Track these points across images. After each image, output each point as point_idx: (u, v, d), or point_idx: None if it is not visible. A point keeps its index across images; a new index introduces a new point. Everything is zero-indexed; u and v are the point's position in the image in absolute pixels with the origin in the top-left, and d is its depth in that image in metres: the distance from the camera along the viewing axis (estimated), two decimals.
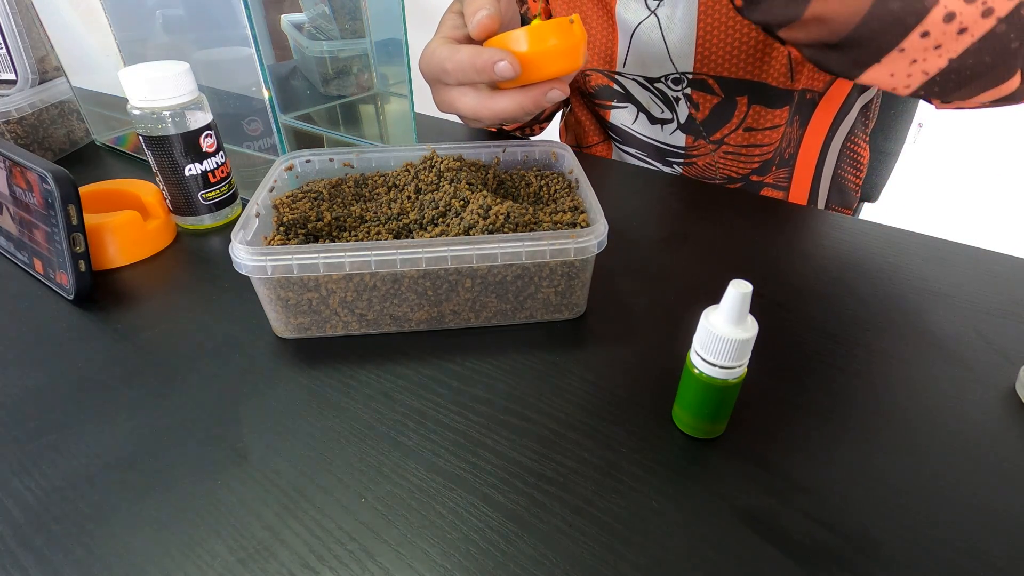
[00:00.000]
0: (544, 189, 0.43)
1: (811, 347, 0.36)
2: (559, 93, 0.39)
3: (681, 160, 0.65)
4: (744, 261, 0.45)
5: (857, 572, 0.24)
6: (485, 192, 0.39)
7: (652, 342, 0.36)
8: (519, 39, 0.37)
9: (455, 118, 0.65)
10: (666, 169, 0.66)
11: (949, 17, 0.29)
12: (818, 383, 0.33)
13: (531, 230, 0.37)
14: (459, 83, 0.40)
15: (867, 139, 0.67)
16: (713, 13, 0.54)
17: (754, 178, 0.64)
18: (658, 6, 0.56)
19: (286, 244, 0.36)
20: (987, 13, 0.29)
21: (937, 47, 0.30)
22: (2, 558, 0.25)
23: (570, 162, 0.44)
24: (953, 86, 0.32)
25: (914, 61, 0.31)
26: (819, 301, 0.40)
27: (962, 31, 0.29)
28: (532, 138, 0.70)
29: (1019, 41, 0.29)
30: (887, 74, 0.33)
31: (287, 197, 0.40)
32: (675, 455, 0.29)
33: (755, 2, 0.32)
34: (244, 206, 0.44)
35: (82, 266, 0.39)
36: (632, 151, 0.68)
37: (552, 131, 0.91)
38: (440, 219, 0.38)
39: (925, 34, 0.29)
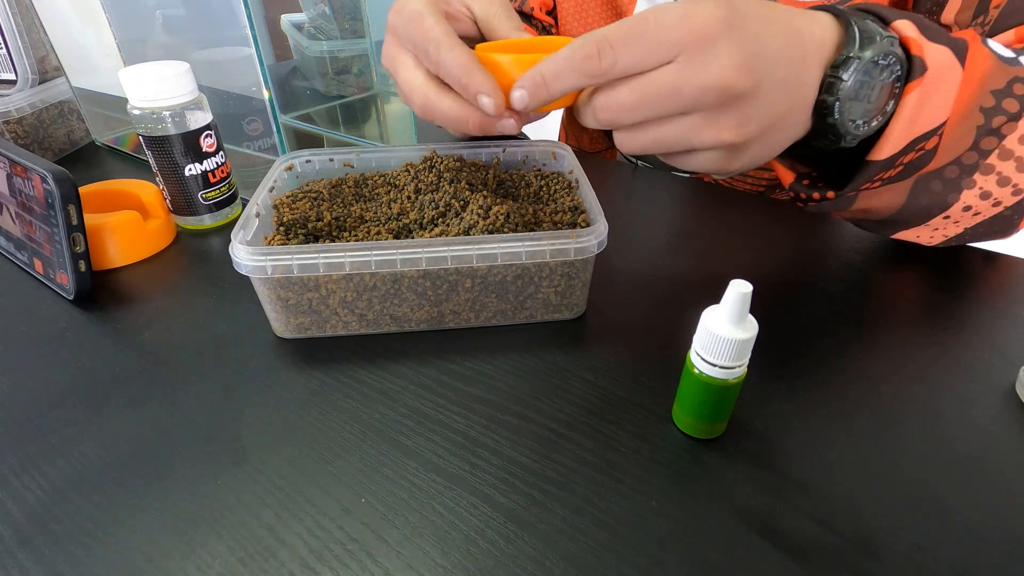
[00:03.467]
0: (544, 189, 0.43)
1: (811, 347, 0.36)
2: (513, 125, 0.37)
3: (688, 174, 0.65)
4: (744, 261, 0.45)
5: (857, 572, 0.24)
6: (485, 192, 0.39)
7: (652, 342, 0.36)
8: (513, 66, 0.34)
9: None
10: None
11: (967, 208, 0.37)
12: (818, 383, 0.33)
13: (531, 230, 0.37)
14: (424, 67, 0.37)
15: None
16: None
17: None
18: None
19: (286, 244, 0.36)
20: (996, 204, 0.37)
21: (956, 223, 0.38)
22: (2, 558, 0.25)
23: (570, 162, 0.44)
24: (966, 239, 0.41)
25: (936, 229, 0.39)
26: (819, 301, 0.40)
27: (976, 214, 0.37)
28: (532, 138, 0.70)
29: (1020, 217, 0.38)
30: (914, 236, 0.41)
31: (287, 197, 0.40)
32: (675, 455, 0.29)
33: (807, 204, 0.39)
34: (244, 206, 0.44)
35: (82, 266, 0.39)
36: (638, 162, 0.68)
37: (552, 132, 0.90)
38: (440, 219, 0.38)
39: (947, 216, 0.37)
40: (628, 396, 0.33)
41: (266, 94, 0.47)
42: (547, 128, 0.63)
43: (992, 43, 0.35)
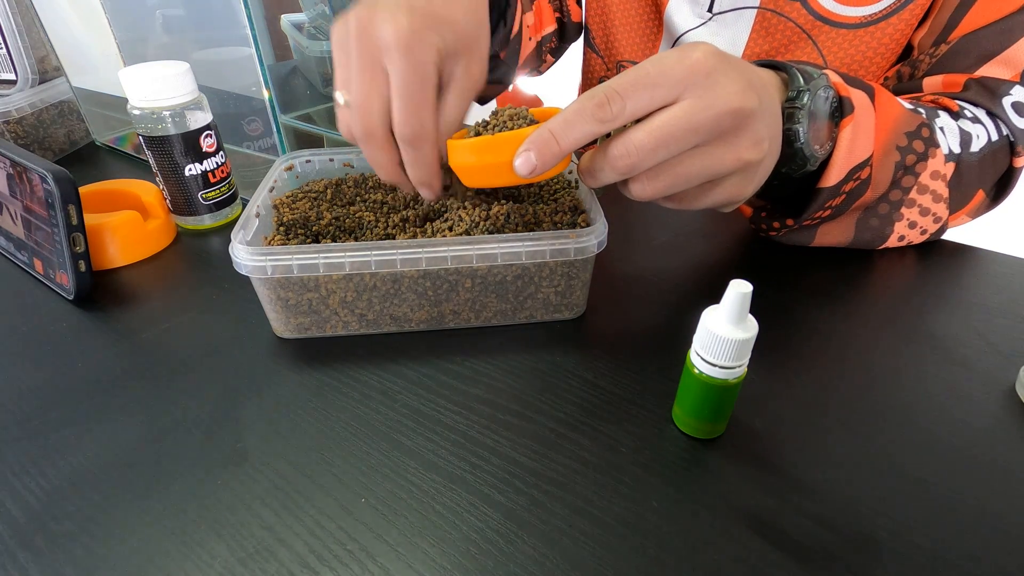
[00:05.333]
0: (544, 189, 0.43)
1: (811, 347, 0.36)
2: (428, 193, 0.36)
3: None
4: (744, 261, 0.45)
5: (857, 572, 0.24)
6: (484, 196, 0.39)
7: (652, 342, 0.36)
8: (498, 144, 0.31)
9: None
10: None
11: (900, 238, 0.44)
12: (818, 383, 0.33)
13: (531, 230, 0.37)
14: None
15: None
16: (762, 43, 0.54)
17: None
18: (709, 19, 0.56)
19: (286, 244, 0.36)
20: (923, 232, 0.44)
21: (890, 247, 0.45)
22: (2, 558, 0.25)
23: (570, 162, 0.44)
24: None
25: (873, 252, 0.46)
26: (819, 301, 0.40)
27: (909, 244, 0.45)
28: None
29: (940, 237, 0.46)
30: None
31: (287, 197, 0.40)
32: (675, 455, 0.29)
33: (769, 233, 0.45)
34: (244, 206, 0.44)
35: (82, 266, 0.39)
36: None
37: None
38: (435, 219, 0.38)
39: (885, 248, 0.45)
40: (628, 396, 0.33)
41: (266, 94, 0.47)
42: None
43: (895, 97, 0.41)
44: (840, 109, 0.37)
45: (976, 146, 0.42)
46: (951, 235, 0.47)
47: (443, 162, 0.35)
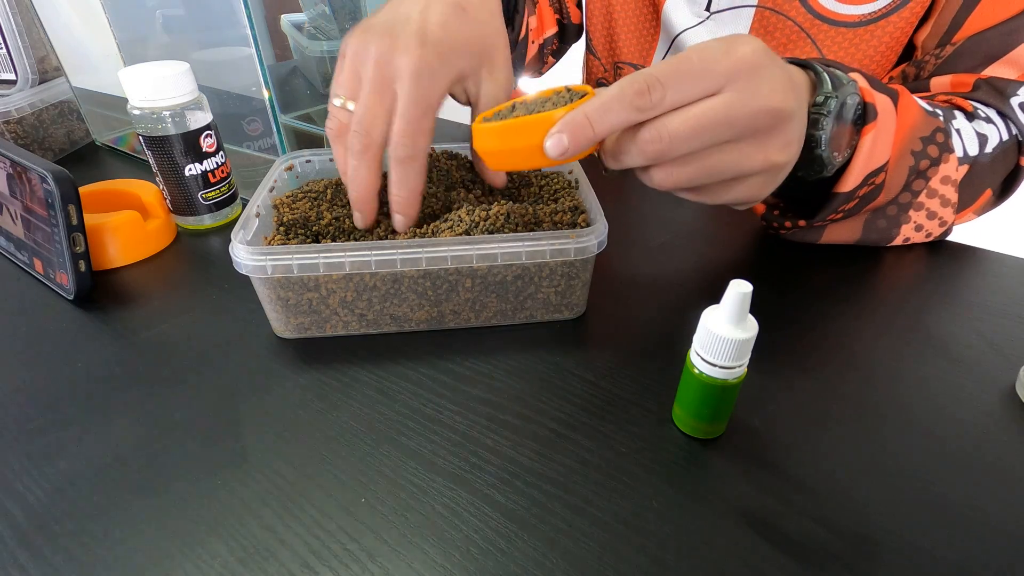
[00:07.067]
0: (544, 189, 0.43)
1: (811, 347, 0.36)
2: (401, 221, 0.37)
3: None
4: (744, 261, 0.45)
5: (857, 572, 0.24)
6: (479, 193, 0.39)
7: (652, 342, 0.36)
8: (528, 127, 0.30)
9: (454, 117, 0.64)
10: None
11: (905, 240, 0.44)
12: (818, 383, 0.33)
13: (531, 230, 0.37)
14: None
15: None
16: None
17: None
18: (707, 18, 0.56)
19: (286, 244, 0.36)
20: (928, 236, 0.44)
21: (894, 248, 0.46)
22: (2, 558, 0.25)
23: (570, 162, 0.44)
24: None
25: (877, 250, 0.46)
26: (820, 301, 0.40)
27: (912, 246, 0.45)
28: None
29: (945, 238, 0.45)
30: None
31: (287, 197, 0.40)
32: (675, 455, 0.29)
33: (779, 232, 0.45)
34: (244, 206, 0.44)
35: (82, 266, 0.39)
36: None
37: None
38: (433, 219, 0.38)
39: (889, 247, 0.45)
40: (628, 396, 0.33)
41: (266, 94, 0.47)
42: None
43: (916, 98, 0.41)
44: (863, 116, 0.36)
45: (990, 146, 0.42)
46: (953, 235, 0.47)
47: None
